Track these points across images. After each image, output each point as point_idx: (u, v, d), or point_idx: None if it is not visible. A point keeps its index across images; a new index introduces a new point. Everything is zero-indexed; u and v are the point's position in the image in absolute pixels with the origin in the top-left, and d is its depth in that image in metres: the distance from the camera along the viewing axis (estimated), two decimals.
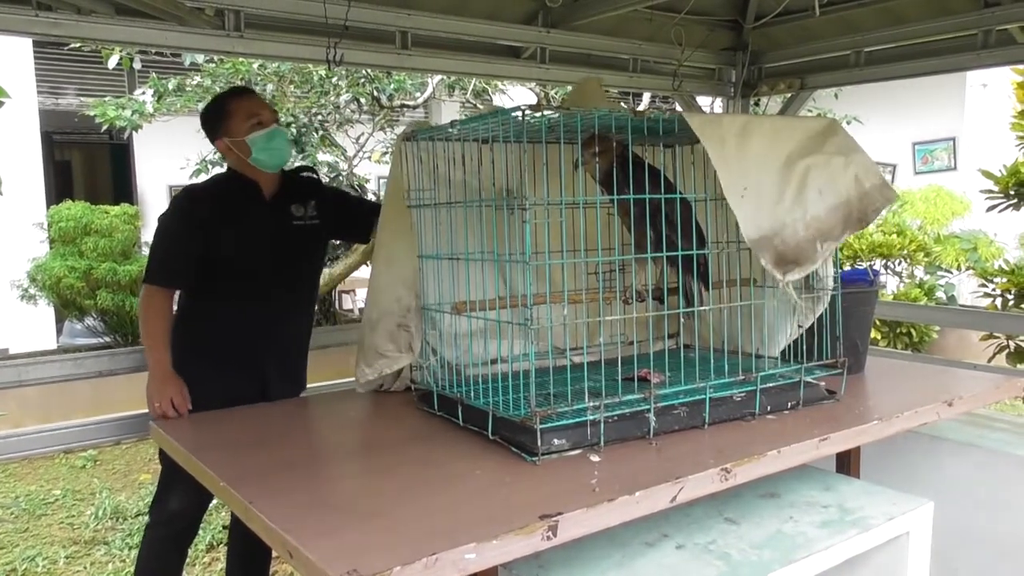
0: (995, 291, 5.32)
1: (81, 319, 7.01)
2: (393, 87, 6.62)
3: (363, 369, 2.22)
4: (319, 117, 6.48)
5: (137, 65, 6.25)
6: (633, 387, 1.83)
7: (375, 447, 1.91)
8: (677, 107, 4.52)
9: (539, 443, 1.61)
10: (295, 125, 6.22)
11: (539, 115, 1.71)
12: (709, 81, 4.33)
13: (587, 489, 1.46)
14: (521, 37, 3.54)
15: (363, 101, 6.59)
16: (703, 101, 5.31)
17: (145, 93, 6.37)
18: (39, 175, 7.96)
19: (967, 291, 8.05)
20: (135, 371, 2.82)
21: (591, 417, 1.69)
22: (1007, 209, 5.24)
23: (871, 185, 2.00)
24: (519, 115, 1.66)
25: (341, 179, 6.61)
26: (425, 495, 1.49)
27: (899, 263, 7.31)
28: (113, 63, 6.13)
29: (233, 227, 2.41)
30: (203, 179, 3.16)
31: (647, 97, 7.41)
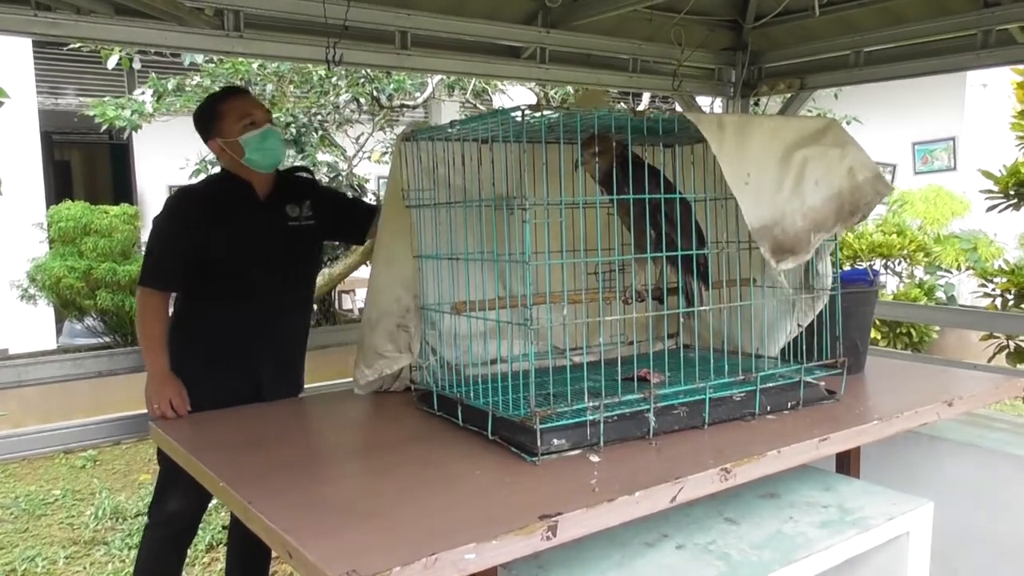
0: (995, 291, 5.32)
1: (81, 319, 7.00)
2: (393, 87, 6.62)
3: (363, 370, 2.22)
4: (319, 117, 6.47)
5: (136, 65, 6.23)
6: (633, 387, 1.83)
7: (375, 447, 1.91)
8: (677, 107, 4.52)
9: (539, 443, 1.61)
10: (295, 125, 6.20)
11: (539, 115, 1.71)
12: (709, 81, 4.33)
13: (587, 489, 1.46)
14: (521, 37, 3.53)
15: (363, 101, 6.58)
16: (703, 101, 5.31)
17: (144, 93, 6.35)
18: (39, 175, 7.95)
19: (967, 291, 8.04)
20: (135, 371, 2.81)
21: (591, 417, 1.68)
22: (1007, 209, 5.24)
23: (864, 178, 2.00)
24: (519, 115, 1.66)
25: (341, 179, 6.60)
26: (425, 495, 1.49)
27: (899, 263, 7.31)
28: (112, 63, 6.12)
29: (226, 227, 2.40)
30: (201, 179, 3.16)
31: (647, 97, 7.41)
